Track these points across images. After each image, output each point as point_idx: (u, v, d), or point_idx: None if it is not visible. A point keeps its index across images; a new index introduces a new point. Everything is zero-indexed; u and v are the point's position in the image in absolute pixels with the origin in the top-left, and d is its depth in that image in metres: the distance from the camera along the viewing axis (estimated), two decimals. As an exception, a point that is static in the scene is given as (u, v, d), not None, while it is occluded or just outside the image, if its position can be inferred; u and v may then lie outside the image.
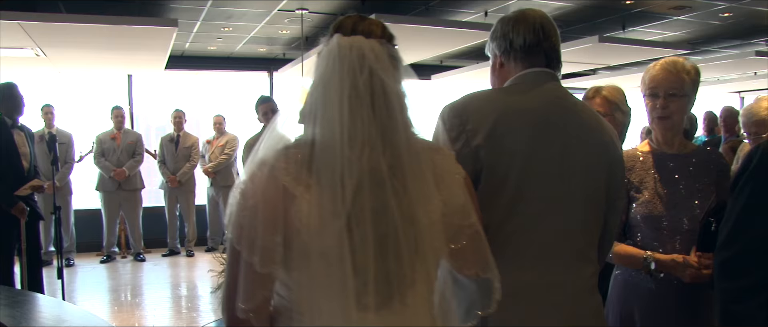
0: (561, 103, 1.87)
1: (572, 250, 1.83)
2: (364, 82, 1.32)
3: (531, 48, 1.88)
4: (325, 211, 1.28)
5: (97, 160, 8.12)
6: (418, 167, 1.36)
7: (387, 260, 1.31)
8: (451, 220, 1.39)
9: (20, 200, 5.00)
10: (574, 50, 7.80)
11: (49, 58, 7.64)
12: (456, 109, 1.82)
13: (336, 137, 1.29)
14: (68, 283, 7.23)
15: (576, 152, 1.83)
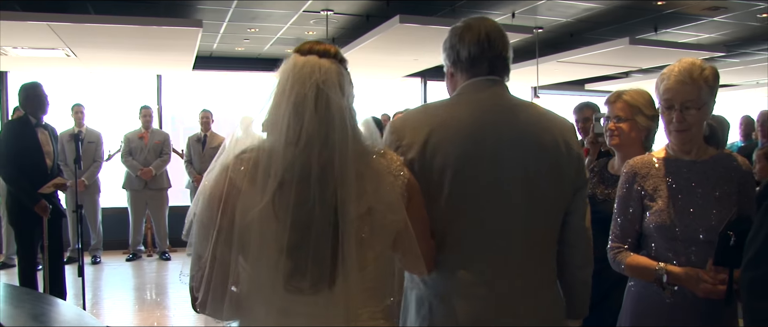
0: (497, 109, 1.95)
1: (514, 250, 1.90)
2: (310, 95, 1.53)
3: (475, 59, 1.96)
4: (254, 201, 1.51)
5: (125, 159, 8.20)
6: (353, 168, 1.54)
7: (311, 247, 1.50)
8: (381, 216, 1.58)
9: (43, 198, 5.05)
10: (604, 53, 7.66)
11: (79, 59, 7.75)
12: (394, 125, 1.96)
13: (279, 140, 1.52)
14: (94, 281, 7.33)
15: (511, 156, 1.90)
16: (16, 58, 7.65)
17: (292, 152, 1.51)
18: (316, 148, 1.52)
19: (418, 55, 8.12)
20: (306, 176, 1.51)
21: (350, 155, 1.55)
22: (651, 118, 2.65)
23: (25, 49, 7.05)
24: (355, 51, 7.54)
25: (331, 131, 1.53)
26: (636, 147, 2.68)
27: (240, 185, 1.53)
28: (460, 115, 1.92)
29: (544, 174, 1.93)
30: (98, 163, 8.08)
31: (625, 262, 2.27)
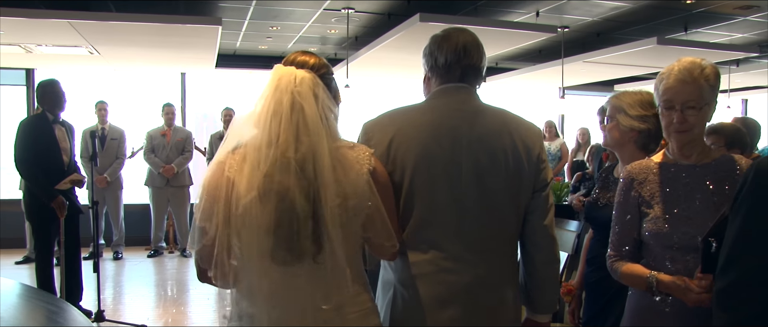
0: (460, 114, 2.13)
1: (469, 244, 2.08)
2: (287, 101, 1.81)
3: (450, 66, 2.15)
4: (248, 184, 1.78)
5: (147, 156, 8.26)
6: (325, 161, 1.79)
7: (293, 226, 1.77)
8: (351, 201, 1.83)
9: (60, 194, 5.08)
10: (632, 53, 7.48)
11: (103, 56, 7.81)
12: (366, 127, 2.18)
13: (262, 139, 1.80)
14: (115, 276, 7.38)
15: (468, 157, 2.09)
16: (42, 55, 7.74)
17: (273, 150, 1.78)
18: (292, 146, 1.78)
19: (441, 55, 8.02)
20: (286, 169, 1.77)
21: (325, 151, 1.80)
22: (638, 118, 2.54)
23: (49, 46, 7.12)
24: (377, 50, 7.48)
25: (304, 133, 1.79)
26: (628, 148, 2.61)
27: (233, 177, 1.82)
28: (424, 118, 2.13)
29: (500, 175, 2.10)
30: (121, 159, 8.14)
31: (620, 271, 2.20)
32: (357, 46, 8.24)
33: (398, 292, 2.12)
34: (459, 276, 2.07)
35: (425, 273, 2.08)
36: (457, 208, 2.08)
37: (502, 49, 8.00)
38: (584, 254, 2.84)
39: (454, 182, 2.08)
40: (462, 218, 2.08)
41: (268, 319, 1.82)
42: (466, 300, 2.07)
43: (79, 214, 5.40)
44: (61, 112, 5.30)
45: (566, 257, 4.03)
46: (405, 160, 2.08)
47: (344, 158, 1.88)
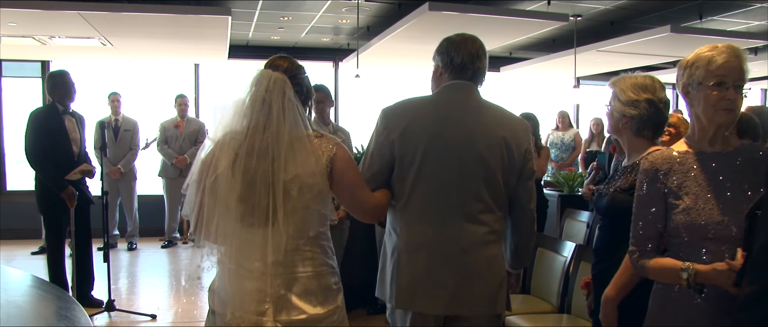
0: (464, 108, 2.55)
1: (465, 214, 2.49)
2: (258, 98, 2.25)
3: (465, 66, 2.55)
4: (225, 161, 2.22)
5: (160, 147, 8.30)
6: (283, 147, 2.22)
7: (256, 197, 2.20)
8: (305, 179, 2.24)
9: (70, 184, 5.11)
10: (645, 41, 7.38)
11: (116, 48, 7.85)
12: (385, 112, 2.58)
13: (238, 128, 2.26)
14: (129, 267, 7.45)
15: (468, 145, 2.49)
16: (56, 47, 7.80)
17: (243, 136, 2.23)
18: (259, 134, 2.23)
19: (453, 44, 7.98)
20: (251, 152, 2.22)
21: (285, 139, 2.23)
22: (629, 103, 2.47)
23: (63, 38, 7.17)
24: (388, 40, 7.46)
25: (269, 124, 2.23)
26: (625, 135, 2.57)
27: (219, 156, 2.25)
28: (435, 108, 2.56)
29: (496, 163, 2.51)
30: (134, 150, 8.20)
31: (648, 266, 2.12)
32: (368, 36, 8.21)
33: (402, 257, 2.52)
34: (456, 244, 2.49)
35: (427, 242, 2.50)
36: (458, 188, 2.48)
37: (513, 38, 7.94)
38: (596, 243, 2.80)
39: (458, 166, 2.48)
40: (463, 197, 2.48)
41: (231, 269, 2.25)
42: (461, 263, 2.49)
43: (89, 204, 5.44)
44: (71, 102, 5.33)
45: (574, 247, 4.00)
46: (417, 144, 2.48)
47: (307, 145, 2.29)
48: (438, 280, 2.49)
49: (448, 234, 2.49)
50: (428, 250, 2.49)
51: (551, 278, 4.16)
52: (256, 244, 2.22)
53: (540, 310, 4.06)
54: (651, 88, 2.49)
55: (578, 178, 7.23)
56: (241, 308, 2.22)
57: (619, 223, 2.48)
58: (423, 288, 2.50)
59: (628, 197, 2.43)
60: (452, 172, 2.47)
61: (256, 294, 2.22)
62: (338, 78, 10.29)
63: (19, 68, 9.39)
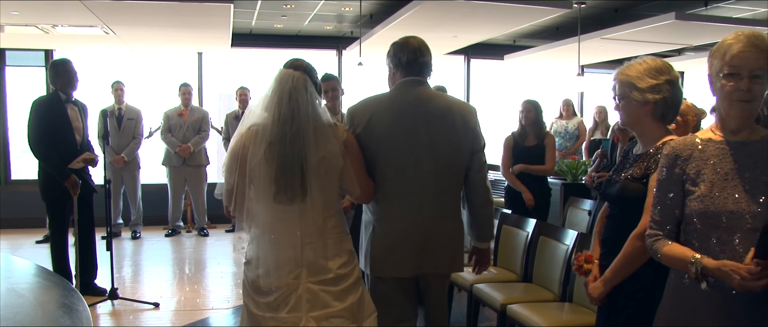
0: (417, 100, 2.99)
1: (425, 193, 2.97)
2: (285, 94, 2.65)
3: (411, 63, 2.99)
4: (255, 153, 2.66)
5: (164, 136, 8.31)
6: (312, 133, 2.67)
7: (287, 178, 2.63)
8: (329, 161, 2.74)
9: (73, 173, 5.12)
10: (649, 28, 7.33)
11: (119, 37, 7.84)
12: (350, 112, 3.04)
13: (269, 119, 2.66)
14: (133, 255, 7.47)
15: (423, 130, 2.95)
16: (59, 36, 7.80)
17: (275, 126, 2.65)
18: (288, 125, 2.64)
19: (456, 32, 7.95)
20: (284, 140, 2.64)
21: (310, 127, 2.68)
22: (650, 89, 2.41)
23: (65, 27, 7.16)
24: (391, 28, 7.42)
25: (297, 115, 2.65)
26: (645, 123, 2.48)
27: (248, 145, 2.68)
28: (392, 103, 3.02)
29: (446, 143, 2.98)
30: (138, 139, 8.21)
31: (661, 251, 2.12)
32: (371, 24, 8.18)
33: (375, 228, 3.01)
34: (419, 216, 2.97)
35: (394, 215, 2.98)
36: (416, 168, 2.95)
37: (517, 25, 7.90)
38: (596, 232, 2.77)
39: (415, 149, 2.94)
40: (421, 175, 2.96)
41: (268, 241, 2.69)
42: (424, 232, 2.98)
43: (92, 193, 5.45)
44: (74, 91, 5.34)
45: (576, 235, 3.98)
46: (380, 134, 2.93)
47: (327, 132, 2.75)
48: (404, 249, 2.98)
49: (412, 210, 2.96)
50: (396, 225, 2.97)
51: (553, 267, 4.15)
52: (289, 219, 2.67)
53: (541, 298, 4.05)
54: (666, 69, 2.43)
55: (581, 166, 7.21)
56: (279, 273, 2.67)
57: (629, 212, 2.47)
58: (392, 257, 3.00)
59: (641, 186, 2.43)
60: (411, 155, 2.94)
61: (291, 260, 2.68)
62: (342, 66, 10.26)
63: (22, 57, 9.38)
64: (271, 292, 2.68)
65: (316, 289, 2.70)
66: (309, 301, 2.68)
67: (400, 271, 3.01)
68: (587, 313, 3.60)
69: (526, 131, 5.78)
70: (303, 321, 2.68)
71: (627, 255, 2.40)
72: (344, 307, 2.74)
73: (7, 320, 1.99)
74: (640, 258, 2.37)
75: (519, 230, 4.66)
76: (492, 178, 9.12)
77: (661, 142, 2.42)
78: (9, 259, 3.62)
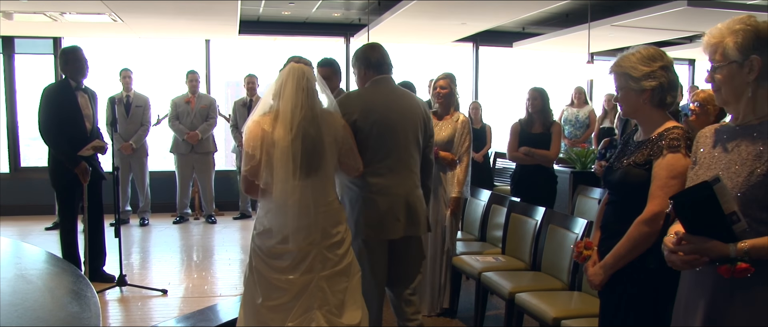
0: (392, 92, 3.68)
1: (404, 168, 3.60)
2: (303, 84, 3.11)
3: (380, 64, 3.65)
4: (283, 134, 3.06)
5: (172, 123, 8.31)
6: (323, 119, 3.17)
7: (308, 156, 3.09)
8: (338, 142, 3.23)
9: (83, 160, 5.14)
10: (661, 15, 7.26)
11: (127, 24, 7.83)
12: (342, 103, 3.49)
13: (289, 106, 3.09)
14: (141, 242, 7.51)
15: (398, 118, 3.58)
16: (68, 23, 7.79)
17: (299, 112, 3.09)
18: (307, 110, 3.11)
19: (465, 19, 7.91)
20: (309, 123, 3.10)
21: (322, 113, 3.19)
22: (645, 76, 2.44)
23: (73, 14, 7.16)
24: (399, 15, 7.39)
25: (313, 103, 3.15)
26: (644, 111, 2.52)
27: (267, 129, 3.09)
28: (375, 95, 3.61)
29: (413, 128, 3.63)
30: (146, 127, 8.22)
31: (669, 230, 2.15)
32: (380, 11, 8.14)
33: (365, 200, 3.51)
34: (399, 188, 3.56)
35: (381, 188, 3.51)
36: (397, 148, 3.55)
37: (526, 12, 7.86)
38: (597, 219, 2.77)
39: (396, 133, 3.55)
40: (400, 153, 3.56)
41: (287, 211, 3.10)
42: (406, 201, 3.57)
43: (101, 180, 5.47)
44: (84, 78, 5.34)
45: (585, 224, 3.97)
46: (372, 120, 3.50)
47: (331, 118, 3.24)
48: (394, 215, 3.53)
49: (395, 181, 3.54)
50: (386, 196, 3.51)
51: (562, 255, 4.14)
52: (307, 191, 3.10)
53: (550, 287, 4.04)
54: (659, 55, 2.48)
55: (591, 154, 7.18)
56: (296, 238, 3.10)
57: (629, 198, 2.50)
58: (385, 222, 3.52)
59: (643, 172, 2.45)
60: (394, 139, 3.54)
61: (307, 227, 3.12)
62: (349, 54, 10.23)
63: (31, 45, 9.40)
64: (286, 257, 3.12)
65: (326, 252, 3.16)
66: (321, 262, 3.14)
67: (393, 234, 3.56)
68: (596, 301, 3.56)
69: (533, 119, 5.75)
70: (315, 281, 3.13)
71: (632, 239, 2.43)
72: (344, 266, 3.22)
73: (16, 306, 2.00)
74: (646, 242, 2.41)
75: (527, 218, 4.64)
76: (500, 166, 9.13)
77: (662, 128, 2.46)
78: (18, 245, 3.63)
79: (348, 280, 3.24)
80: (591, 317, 3.46)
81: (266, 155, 3.06)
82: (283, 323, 3.12)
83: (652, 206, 2.38)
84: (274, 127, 3.07)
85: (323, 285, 3.15)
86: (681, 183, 2.31)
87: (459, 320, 4.88)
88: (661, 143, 2.42)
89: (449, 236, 4.86)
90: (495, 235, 5.15)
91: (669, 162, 2.38)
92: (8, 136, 9.29)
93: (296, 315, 3.12)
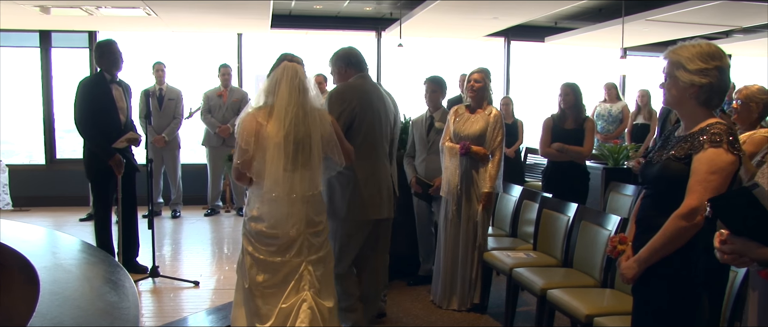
0: (373, 87, 4.15)
1: (383, 156, 4.12)
2: (296, 83, 3.32)
3: (361, 63, 4.11)
4: (276, 130, 3.27)
5: (204, 117, 8.38)
6: (313, 116, 3.36)
7: (298, 151, 3.31)
8: (324, 138, 3.41)
9: (118, 152, 5.20)
10: (698, 9, 7.12)
11: (160, 18, 7.91)
12: (339, 93, 3.97)
13: (283, 104, 3.30)
14: (172, 234, 7.59)
15: (383, 110, 4.10)
16: (103, 17, 7.90)
17: (292, 109, 3.30)
18: (300, 108, 3.32)
19: (497, 13, 7.86)
20: (296, 120, 3.30)
21: (311, 111, 3.36)
22: (698, 72, 2.39)
23: (109, 8, 7.25)
24: (430, 9, 7.37)
25: (304, 100, 3.34)
26: (688, 105, 2.48)
27: (262, 122, 3.29)
28: (361, 90, 4.02)
29: (390, 120, 4.16)
30: (178, 120, 8.30)
31: None
32: (411, 5, 8.12)
33: (357, 182, 3.93)
34: (383, 172, 4.08)
35: (372, 171, 3.99)
36: (380, 136, 4.05)
37: (559, 6, 7.77)
38: (633, 214, 2.74)
39: (379, 123, 4.03)
40: (380, 141, 4.06)
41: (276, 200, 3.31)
42: (387, 184, 4.10)
43: (135, 172, 5.53)
44: (119, 71, 5.40)
45: (619, 220, 3.92)
46: (361, 112, 3.93)
47: (323, 115, 3.45)
48: (379, 197, 4.01)
49: (378, 167, 4.03)
50: (373, 179, 3.98)
51: (594, 252, 4.09)
52: (295, 183, 3.32)
53: (582, 283, 4.01)
54: (718, 55, 2.42)
55: (623, 150, 7.09)
56: (284, 225, 3.32)
57: (667, 193, 2.46)
58: (372, 203, 3.99)
59: (683, 166, 2.41)
60: (379, 128, 4.03)
61: (294, 216, 3.34)
62: (380, 47, 10.22)
63: (67, 39, 9.54)
64: (276, 241, 3.35)
65: (311, 239, 3.41)
66: (308, 247, 3.40)
67: (380, 213, 4.04)
68: (629, 299, 3.51)
69: (566, 114, 5.69)
70: (303, 264, 3.39)
71: (668, 234, 2.40)
72: (323, 254, 3.49)
73: (56, 295, 2.03)
74: (683, 237, 2.38)
75: (559, 214, 4.61)
76: (531, 161, 9.06)
77: (705, 124, 2.42)
78: (55, 235, 3.69)
79: (324, 267, 3.49)
80: (624, 315, 3.42)
81: (259, 148, 3.27)
82: (276, 305, 3.36)
83: (689, 201, 2.34)
84: (268, 121, 3.28)
85: (310, 268, 3.40)
86: (720, 179, 2.28)
87: (489, 316, 4.86)
88: (702, 137, 2.38)
89: (481, 231, 4.84)
90: (526, 230, 5.12)
91: (709, 156, 2.34)
92: (44, 129, 9.45)
93: (290, 297, 3.37)
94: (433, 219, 5.45)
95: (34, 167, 9.50)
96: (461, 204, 4.86)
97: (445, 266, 4.94)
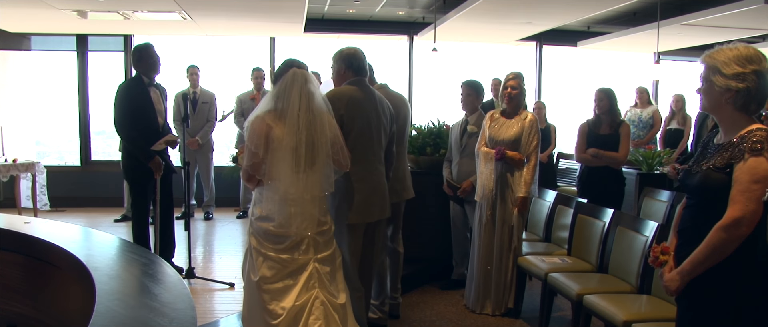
0: (371, 92, 4.11)
1: (377, 160, 4.09)
2: (304, 89, 3.42)
3: (360, 67, 4.09)
4: (287, 133, 3.36)
5: (237, 120, 8.44)
6: (321, 120, 3.45)
7: (310, 152, 3.41)
8: (331, 141, 3.49)
9: (156, 154, 5.28)
10: (736, 14, 6.99)
11: (196, 22, 8.01)
12: (331, 98, 3.72)
13: (295, 109, 3.39)
14: (205, 236, 7.67)
15: (374, 114, 4.05)
16: (139, 21, 8.02)
17: (302, 113, 3.39)
18: (310, 113, 3.41)
19: (530, 18, 7.84)
20: (305, 124, 3.39)
21: (319, 115, 3.45)
22: (734, 76, 2.34)
23: (145, 12, 7.36)
24: (465, 14, 7.37)
25: (312, 104, 3.43)
26: (725, 111, 2.43)
27: (271, 124, 3.36)
28: (356, 93, 4.00)
29: (385, 124, 4.14)
30: (211, 122, 8.40)
31: None
32: (445, 9, 8.13)
33: (349, 188, 3.91)
34: (378, 176, 4.08)
35: (368, 175, 4.00)
36: (376, 140, 4.05)
37: (593, 11, 7.73)
38: (675, 224, 2.71)
39: (375, 127, 4.03)
40: (376, 148, 4.05)
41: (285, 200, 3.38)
42: (381, 187, 4.09)
43: (172, 173, 5.60)
44: (156, 75, 5.47)
45: (656, 226, 3.90)
46: (354, 115, 3.93)
47: (328, 118, 3.52)
48: (374, 200, 4.02)
49: (372, 170, 4.03)
50: (367, 182, 3.99)
51: (631, 258, 4.07)
52: (303, 184, 3.41)
53: (618, 289, 3.98)
54: (757, 59, 2.35)
55: (657, 156, 7.02)
56: (291, 224, 3.39)
57: (709, 203, 2.42)
58: (372, 205, 4.01)
59: (724, 176, 2.36)
60: (369, 134, 3.99)
61: (302, 215, 3.42)
62: (413, 52, 10.23)
63: (103, 42, 9.70)
64: (283, 241, 3.41)
65: (318, 238, 3.48)
66: (314, 247, 3.47)
67: (379, 215, 4.09)
68: (667, 306, 3.51)
69: (601, 119, 5.66)
70: (312, 263, 3.45)
71: (711, 246, 2.35)
72: (330, 252, 3.56)
73: (112, 295, 2.07)
74: (725, 250, 2.33)
75: (594, 220, 4.59)
76: (563, 166, 9.01)
77: (745, 130, 2.36)
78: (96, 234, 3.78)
79: (332, 264, 3.56)
80: (662, 321, 3.41)
81: (269, 151, 3.35)
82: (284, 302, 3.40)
83: (732, 212, 2.30)
84: (277, 124, 3.36)
85: (319, 267, 3.46)
86: (764, 188, 2.24)
87: (523, 320, 4.85)
88: (743, 146, 2.32)
89: (516, 236, 4.84)
90: (560, 235, 5.10)
91: (751, 166, 2.29)
92: (80, 131, 9.61)
93: (301, 295, 3.41)
94: (467, 223, 5.46)
95: (70, 169, 9.66)
96: (496, 208, 4.86)
97: (480, 270, 4.94)
